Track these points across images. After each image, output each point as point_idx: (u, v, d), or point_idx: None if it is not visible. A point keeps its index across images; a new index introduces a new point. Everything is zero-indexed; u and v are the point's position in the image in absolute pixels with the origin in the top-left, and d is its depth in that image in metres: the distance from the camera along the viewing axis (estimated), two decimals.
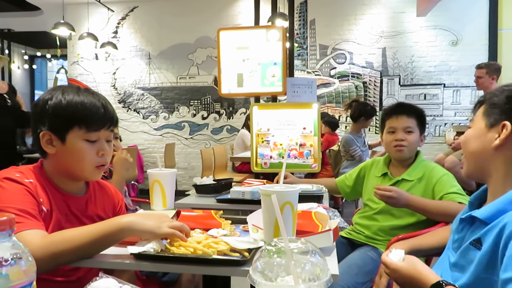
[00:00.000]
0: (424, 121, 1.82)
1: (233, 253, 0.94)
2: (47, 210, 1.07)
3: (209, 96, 6.77)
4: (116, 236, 0.97)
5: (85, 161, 1.11)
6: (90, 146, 1.11)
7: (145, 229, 0.97)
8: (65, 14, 6.19)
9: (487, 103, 0.99)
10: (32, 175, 1.09)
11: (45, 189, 1.10)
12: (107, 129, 1.14)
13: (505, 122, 0.93)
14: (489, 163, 0.96)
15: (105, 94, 7.14)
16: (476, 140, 0.99)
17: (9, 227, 0.52)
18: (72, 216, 1.15)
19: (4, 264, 0.50)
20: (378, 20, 6.24)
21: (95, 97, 1.13)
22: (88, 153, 1.11)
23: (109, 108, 1.15)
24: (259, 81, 3.37)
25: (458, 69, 6.00)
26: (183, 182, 6.65)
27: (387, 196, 1.56)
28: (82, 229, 0.98)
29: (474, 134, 1.00)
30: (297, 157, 2.35)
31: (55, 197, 1.11)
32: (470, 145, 1.01)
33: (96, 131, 1.11)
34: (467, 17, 5.94)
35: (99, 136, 1.13)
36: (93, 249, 0.97)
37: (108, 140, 1.17)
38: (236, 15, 6.60)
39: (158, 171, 1.39)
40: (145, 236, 0.97)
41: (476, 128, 1.01)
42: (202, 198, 1.89)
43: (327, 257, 0.97)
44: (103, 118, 1.12)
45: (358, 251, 1.74)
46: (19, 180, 1.04)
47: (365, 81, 6.30)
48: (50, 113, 1.09)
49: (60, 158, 1.12)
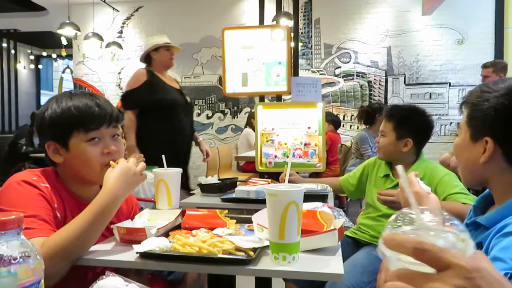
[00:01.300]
0: (403, 126, 1.80)
1: (238, 252, 0.95)
2: (61, 216, 1.08)
3: (214, 96, 6.77)
4: (110, 211, 1.02)
5: (92, 162, 1.11)
6: (94, 147, 1.11)
7: (129, 190, 1.08)
8: (71, 14, 6.23)
9: (469, 110, 0.94)
10: (48, 180, 1.10)
11: (60, 195, 1.10)
12: (107, 127, 1.13)
13: (487, 138, 0.89)
14: (483, 172, 0.94)
15: (110, 94, 7.19)
16: (464, 151, 0.96)
17: (18, 225, 0.53)
18: None
19: (12, 262, 0.50)
20: (383, 19, 6.21)
21: (88, 98, 1.13)
22: (92, 154, 1.10)
23: (105, 105, 1.14)
24: (263, 81, 3.37)
25: (464, 68, 5.97)
26: None
27: (390, 201, 1.56)
28: (76, 220, 0.99)
29: (462, 144, 0.97)
30: (301, 156, 2.34)
31: (69, 203, 1.12)
32: (461, 156, 0.98)
33: (95, 130, 1.11)
34: (473, 16, 5.90)
35: (101, 135, 1.12)
36: (94, 233, 0.99)
37: (114, 136, 1.16)
38: (241, 15, 6.61)
39: (163, 171, 1.39)
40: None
41: (462, 138, 0.97)
42: (207, 197, 1.89)
43: (332, 257, 0.97)
44: (99, 116, 1.11)
45: (363, 250, 1.74)
46: (35, 184, 1.05)
47: (370, 80, 6.28)
48: (49, 124, 1.11)
49: (69, 165, 1.13)
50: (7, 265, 0.50)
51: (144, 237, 1.04)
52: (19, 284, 0.50)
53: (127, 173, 1.06)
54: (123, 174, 1.05)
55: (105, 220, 1.02)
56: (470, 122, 0.94)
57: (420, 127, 1.78)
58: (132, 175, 1.07)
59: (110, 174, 1.05)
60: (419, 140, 1.78)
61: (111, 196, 1.02)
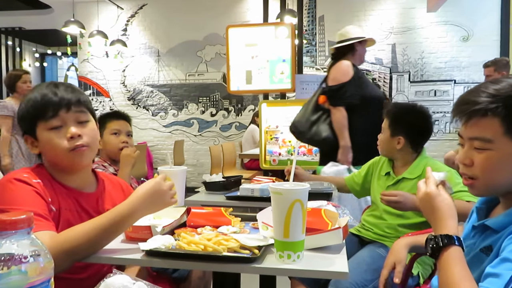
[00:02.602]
0: (396, 123, 1.79)
1: (243, 250, 0.95)
2: (56, 209, 1.09)
3: (218, 93, 6.78)
4: (125, 223, 1.01)
5: (57, 149, 1.11)
6: (57, 133, 1.11)
7: (152, 210, 1.07)
8: (75, 12, 6.24)
9: (505, 119, 0.84)
10: (39, 175, 1.11)
11: (52, 188, 1.12)
12: (66, 112, 1.12)
13: None
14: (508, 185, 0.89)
15: (114, 92, 7.22)
16: (507, 165, 0.86)
17: (28, 225, 0.53)
18: (83, 213, 1.16)
19: (23, 261, 0.51)
20: (387, 16, 6.19)
21: (47, 88, 1.14)
22: (56, 140, 1.11)
23: (64, 91, 1.14)
24: (267, 78, 3.37)
25: (469, 65, 5.93)
26: (192, 179, 6.68)
27: (393, 202, 1.56)
28: (91, 223, 1.00)
29: (504, 159, 0.86)
30: (305, 154, 2.35)
31: (63, 195, 1.13)
32: (501, 172, 0.87)
33: (54, 117, 1.11)
34: (478, 13, 5.86)
35: (63, 121, 1.12)
36: (105, 239, 1.00)
37: (82, 123, 1.15)
38: (245, 12, 6.60)
39: (168, 169, 1.40)
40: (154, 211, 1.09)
41: (505, 152, 0.86)
42: (212, 195, 1.90)
43: (336, 255, 0.98)
44: (54, 103, 1.11)
45: (367, 248, 1.74)
46: (27, 181, 1.06)
47: (374, 78, 6.26)
48: (20, 119, 1.17)
49: (44, 155, 1.16)
50: (18, 264, 0.51)
51: (149, 235, 1.05)
52: (29, 282, 0.51)
53: (157, 193, 1.05)
54: (152, 192, 1.05)
55: (118, 230, 1.02)
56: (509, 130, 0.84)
57: (412, 125, 1.77)
58: (160, 196, 1.06)
59: (142, 186, 1.06)
60: (412, 138, 1.77)
61: (131, 209, 1.01)
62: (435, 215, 0.89)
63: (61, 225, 1.07)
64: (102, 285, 0.64)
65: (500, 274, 0.75)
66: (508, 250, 0.78)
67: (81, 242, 0.95)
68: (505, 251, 0.79)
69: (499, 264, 0.77)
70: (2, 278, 0.50)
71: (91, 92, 7.18)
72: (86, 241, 0.96)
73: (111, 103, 7.12)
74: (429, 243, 0.85)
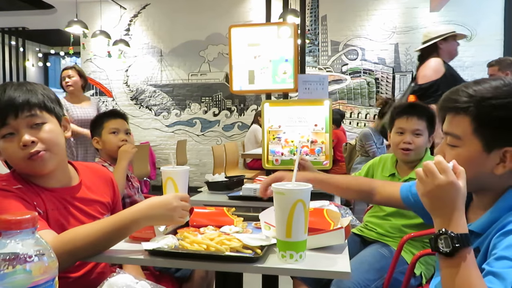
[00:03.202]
0: (433, 123, 1.80)
1: (246, 250, 0.96)
2: (43, 211, 1.06)
3: (220, 93, 6.78)
4: (129, 229, 1.00)
5: (13, 158, 1.05)
6: (9, 143, 1.03)
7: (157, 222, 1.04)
8: (78, 12, 6.26)
9: (475, 119, 0.88)
10: (16, 182, 1.06)
11: (34, 191, 1.07)
12: (15, 118, 1.02)
13: (507, 148, 0.86)
14: (490, 181, 0.90)
15: (117, 92, 7.23)
16: (475, 163, 0.89)
17: (32, 224, 0.54)
18: (71, 207, 1.13)
19: (28, 260, 0.51)
20: (390, 15, 6.17)
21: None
22: (9, 150, 1.03)
23: (12, 94, 1.02)
24: (270, 78, 3.37)
25: (473, 64, 5.91)
26: (195, 179, 6.69)
27: None
28: (95, 225, 0.99)
29: (471, 156, 0.89)
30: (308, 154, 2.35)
31: (46, 196, 1.09)
32: (470, 168, 0.88)
33: (4, 126, 1.02)
34: (481, 12, 5.84)
35: (14, 128, 1.02)
36: (107, 243, 0.99)
37: (36, 125, 1.05)
38: (248, 12, 6.60)
39: (171, 169, 1.40)
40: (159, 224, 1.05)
41: (470, 149, 0.89)
42: (214, 195, 1.90)
43: (338, 255, 0.98)
44: (3, 109, 1.01)
45: (369, 248, 1.74)
46: (7, 188, 1.02)
47: (377, 78, 6.25)
48: None
49: (10, 163, 1.09)
50: (22, 263, 0.51)
51: (152, 235, 1.06)
52: (34, 281, 0.52)
53: (166, 207, 1.01)
54: (163, 205, 1.01)
55: (121, 235, 1.00)
56: (480, 132, 0.88)
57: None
58: (168, 210, 1.01)
59: (156, 197, 1.03)
60: None
61: (135, 217, 0.99)
62: (453, 208, 0.79)
63: (51, 226, 1.04)
64: (105, 284, 0.64)
65: (500, 273, 0.75)
66: (501, 247, 0.79)
67: (84, 244, 0.95)
68: (498, 249, 0.79)
69: (495, 262, 0.77)
70: (7, 277, 0.51)
71: (94, 92, 7.20)
72: (89, 243, 0.95)
73: (114, 103, 7.13)
74: (447, 240, 0.78)
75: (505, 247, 0.78)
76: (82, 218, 1.14)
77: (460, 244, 0.77)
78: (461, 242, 0.77)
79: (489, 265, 0.78)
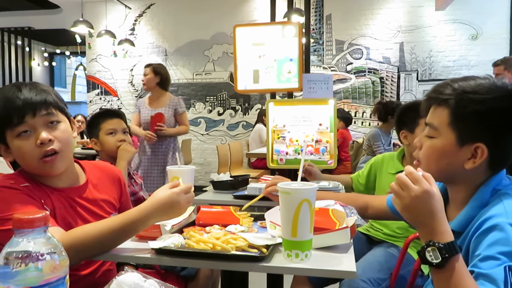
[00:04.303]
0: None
1: (251, 249, 0.96)
2: (50, 209, 1.07)
3: (225, 92, 6.79)
4: (136, 229, 1.00)
5: (26, 157, 1.05)
6: (25, 141, 1.04)
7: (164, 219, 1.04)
8: (84, 12, 6.29)
9: (452, 111, 0.90)
10: (23, 180, 1.07)
11: (41, 189, 1.09)
12: (33, 116, 1.03)
13: (479, 144, 0.88)
14: (461, 175, 0.92)
15: (122, 91, 7.27)
16: (446, 155, 0.92)
17: (44, 223, 0.55)
18: (78, 207, 1.14)
19: (40, 259, 0.52)
20: (395, 14, 6.15)
21: (9, 91, 1.05)
22: (25, 148, 1.04)
23: (28, 94, 1.04)
24: (275, 77, 3.37)
25: (478, 63, 5.88)
26: (200, 178, 6.71)
27: None
28: (103, 223, 1.00)
29: (443, 148, 0.92)
30: (313, 153, 2.35)
31: (54, 194, 1.10)
32: (439, 159, 0.93)
33: (21, 124, 1.03)
34: (487, 11, 5.81)
35: (31, 126, 1.04)
36: (114, 242, 1.00)
37: (52, 123, 1.07)
38: (252, 11, 6.60)
39: (177, 168, 1.41)
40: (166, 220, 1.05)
41: (444, 141, 0.92)
42: (220, 194, 1.91)
43: (344, 254, 0.98)
44: (21, 108, 1.02)
45: (378, 247, 1.75)
46: (15, 187, 1.03)
47: (382, 77, 6.24)
48: None
49: (19, 163, 1.09)
50: (34, 261, 0.52)
51: (159, 234, 1.07)
52: (45, 279, 0.53)
53: (172, 203, 1.01)
54: (168, 202, 1.00)
55: (128, 234, 1.00)
56: (455, 124, 0.90)
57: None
58: (174, 207, 1.01)
59: (159, 193, 1.02)
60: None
61: (143, 215, 0.99)
62: (433, 217, 0.80)
63: (58, 224, 1.05)
64: (114, 282, 0.65)
65: (489, 274, 0.75)
66: (483, 247, 0.79)
67: (91, 242, 0.96)
68: (481, 249, 0.79)
69: (482, 263, 0.77)
70: (19, 275, 0.52)
71: (99, 91, 7.23)
72: (96, 241, 0.96)
73: (119, 102, 7.16)
74: (435, 252, 0.77)
75: (486, 246, 0.79)
76: (89, 217, 1.15)
77: (449, 253, 0.76)
78: (449, 251, 0.76)
79: (476, 267, 0.78)
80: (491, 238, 0.79)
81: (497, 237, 0.78)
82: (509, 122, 0.87)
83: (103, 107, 7.10)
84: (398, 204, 0.83)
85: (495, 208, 0.84)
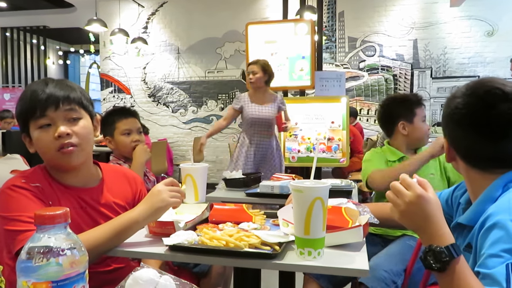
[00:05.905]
0: None
1: (264, 246, 0.97)
2: None
3: (237, 90, 6.81)
4: (130, 230, 1.04)
5: (45, 148, 1.09)
6: (45, 133, 1.08)
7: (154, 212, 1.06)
8: (98, 11, 6.36)
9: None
10: (37, 178, 1.10)
11: (52, 189, 1.11)
12: (55, 110, 1.08)
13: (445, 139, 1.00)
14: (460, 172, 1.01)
15: (135, 89, 7.31)
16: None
17: (64, 220, 0.56)
18: (88, 208, 1.16)
19: (60, 254, 0.54)
20: (409, 11, 6.09)
21: (38, 85, 1.10)
22: (44, 140, 1.08)
23: (53, 88, 1.09)
24: (287, 75, 3.37)
25: (494, 60, 5.79)
26: (212, 175, 6.74)
27: None
28: (104, 226, 1.03)
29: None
30: (325, 151, 2.34)
31: (64, 195, 1.12)
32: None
33: (43, 117, 1.08)
34: (503, 7, 5.71)
35: (52, 120, 1.08)
36: (111, 244, 1.02)
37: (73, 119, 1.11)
38: (264, 9, 6.59)
39: (190, 166, 1.43)
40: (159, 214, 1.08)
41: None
42: (232, 191, 1.92)
43: (356, 253, 0.98)
44: (42, 101, 1.07)
45: (398, 241, 1.75)
46: (25, 186, 1.06)
47: (395, 74, 6.18)
48: (17, 119, 1.15)
49: (39, 155, 1.13)
50: (55, 256, 0.54)
51: (172, 230, 1.08)
52: (65, 274, 0.54)
53: (152, 193, 1.07)
54: (150, 194, 1.07)
55: (130, 232, 1.04)
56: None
57: None
58: (155, 195, 1.06)
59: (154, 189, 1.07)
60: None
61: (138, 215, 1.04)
62: (430, 220, 0.80)
63: None
64: (130, 277, 0.67)
65: (493, 273, 0.75)
66: (487, 246, 0.79)
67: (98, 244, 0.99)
68: (485, 248, 0.79)
69: (487, 263, 0.77)
70: (41, 269, 0.53)
71: (113, 89, 7.31)
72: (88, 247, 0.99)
73: (132, 99, 7.23)
74: (435, 256, 0.78)
75: (489, 245, 0.79)
76: (99, 219, 1.16)
77: (449, 257, 0.77)
78: (449, 255, 0.77)
79: (482, 267, 0.78)
80: (493, 236, 0.79)
81: (499, 235, 0.78)
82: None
83: (117, 104, 7.18)
84: (395, 212, 0.85)
85: (499, 203, 0.85)
